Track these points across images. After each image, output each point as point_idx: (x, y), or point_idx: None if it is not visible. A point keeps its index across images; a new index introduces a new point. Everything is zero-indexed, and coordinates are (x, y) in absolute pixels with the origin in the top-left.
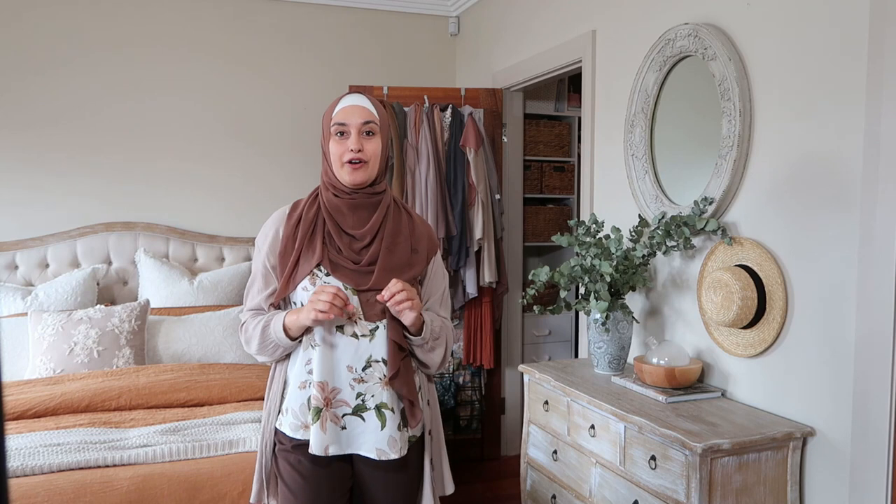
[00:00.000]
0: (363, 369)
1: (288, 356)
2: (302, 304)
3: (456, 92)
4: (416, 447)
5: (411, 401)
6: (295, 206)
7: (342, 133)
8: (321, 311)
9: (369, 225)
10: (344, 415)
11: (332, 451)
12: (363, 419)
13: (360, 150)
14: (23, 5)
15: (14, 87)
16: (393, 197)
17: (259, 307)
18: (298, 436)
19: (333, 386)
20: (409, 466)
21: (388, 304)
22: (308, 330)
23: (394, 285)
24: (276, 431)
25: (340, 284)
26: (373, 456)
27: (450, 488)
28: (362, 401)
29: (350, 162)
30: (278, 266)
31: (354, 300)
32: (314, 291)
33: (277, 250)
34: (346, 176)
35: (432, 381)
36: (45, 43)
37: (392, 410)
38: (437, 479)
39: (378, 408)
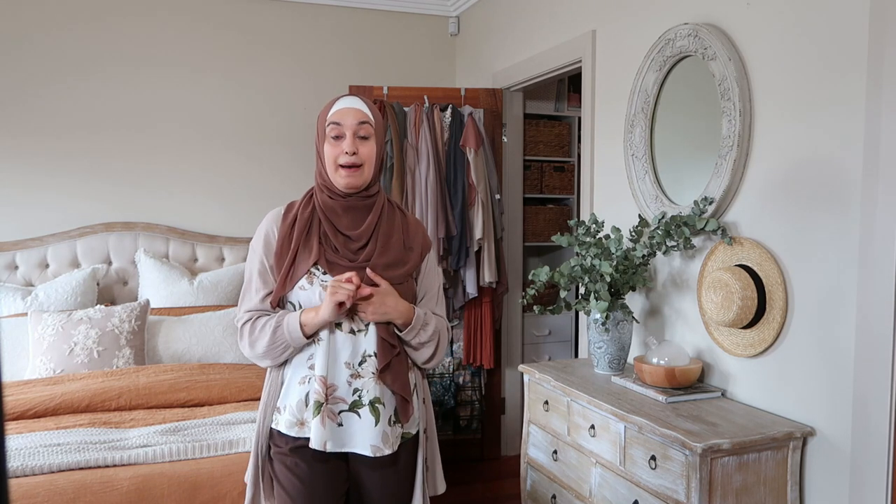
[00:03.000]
0: (359, 364)
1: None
2: (300, 304)
3: (456, 92)
4: (411, 446)
5: (403, 397)
6: (289, 207)
7: (337, 136)
8: (341, 303)
9: (364, 226)
10: (340, 411)
11: (330, 448)
12: (359, 415)
13: (354, 153)
14: (28, 16)
15: (15, 90)
16: (386, 197)
17: (259, 308)
18: (293, 433)
19: (332, 382)
20: (403, 465)
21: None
22: None
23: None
24: (272, 434)
25: None
26: (368, 453)
27: (441, 488)
28: (358, 396)
29: (345, 166)
30: (275, 266)
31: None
32: (331, 285)
33: (273, 250)
34: (340, 180)
35: (425, 378)
36: (45, 46)
37: (384, 405)
38: (429, 479)
39: (372, 403)
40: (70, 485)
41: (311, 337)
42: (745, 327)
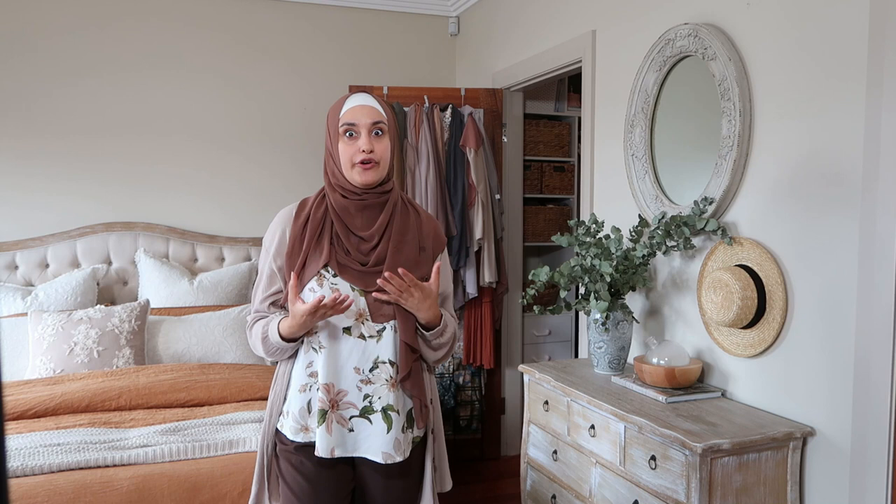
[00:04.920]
0: (370, 370)
1: (294, 355)
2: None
3: (456, 92)
4: (419, 448)
5: (422, 401)
6: (302, 205)
7: (352, 134)
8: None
9: (377, 225)
10: (351, 417)
11: (338, 454)
12: (370, 421)
13: (371, 151)
14: (27, 18)
15: (15, 91)
16: (400, 194)
17: (259, 309)
18: (299, 439)
19: (340, 388)
20: (411, 468)
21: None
22: (310, 332)
23: (398, 278)
24: (278, 432)
25: (348, 286)
26: (379, 460)
27: (448, 485)
28: (369, 402)
29: (362, 162)
30: (285, 267)
31: (361, 301)
32: (298, 309)
33: (284, 251)
34: (357, 177)
35: (433, 376)
36: (46, 47)
37: (398, 412)
38: (437, 479)
39: (384, 410)
40: (70, 485)
41: (299, 339)
42: (745, 327)
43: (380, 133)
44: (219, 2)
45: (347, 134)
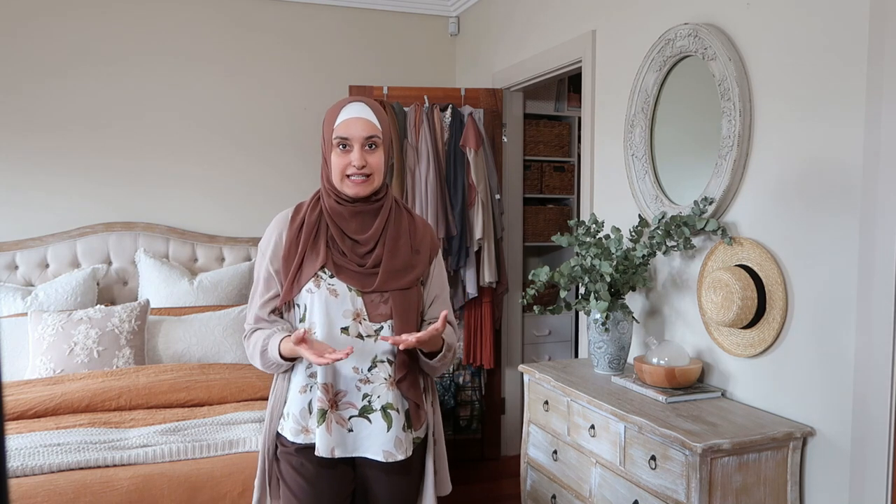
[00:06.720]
0: (369, 369)
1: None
2: (306, 307)
3: (456, 92)
4: (419, 449)
5: (417, 403)
6: (297, 209)
7: (345, 146)
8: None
9: (372, 230)
10: (350, 417)
11: (339, 454)
12: (369, 421)
13: (363, 166)
14: (26, 11)
15: (15, 89)
16: (394, 198)
17: (259, 315)
18: (299, 440)
19: (339, 388)
20: (412, 469)
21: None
22: (307, 332)
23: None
24: (279, 434)
25: (345, 286)
26: (380, 458)
27: (447, 489)
28: (368, 402)
29: (353, 175)
30: (282, 270)
31: (358, 301)
32: (319, 353)
33: (280, 254)
34: (348, 189)
35: (433, 380)
36: (46, 47)
37: (397, 411)
38: (438, 482)
39: (384, 408)
40: (70, 485)
41: (298, 359)
42: (744, 327)
43: (374, 146)
44: (219, 2)
45: (340, 146)
